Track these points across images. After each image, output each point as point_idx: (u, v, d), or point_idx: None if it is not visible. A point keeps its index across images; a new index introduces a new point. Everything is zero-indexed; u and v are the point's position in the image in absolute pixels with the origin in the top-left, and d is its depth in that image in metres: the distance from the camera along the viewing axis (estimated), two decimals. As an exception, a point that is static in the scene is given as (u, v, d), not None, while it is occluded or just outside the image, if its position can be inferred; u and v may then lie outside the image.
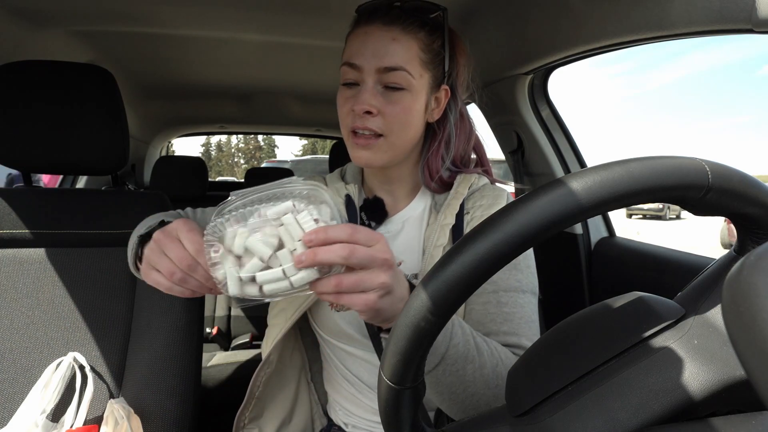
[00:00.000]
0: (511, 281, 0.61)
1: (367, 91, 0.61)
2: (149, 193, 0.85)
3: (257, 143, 49.53)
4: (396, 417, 0.35)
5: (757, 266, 0.22)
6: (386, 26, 0.61)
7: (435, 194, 0.70)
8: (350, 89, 0.63)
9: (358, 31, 0.62)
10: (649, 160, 0.29)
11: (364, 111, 0.60)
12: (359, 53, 0.61)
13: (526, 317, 0.60)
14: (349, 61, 0.62)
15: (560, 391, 0.32)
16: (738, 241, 0.34)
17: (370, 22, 0.61)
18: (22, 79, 0.76)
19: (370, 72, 0.61)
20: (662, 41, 0.74)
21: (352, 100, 0.62)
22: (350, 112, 0.62)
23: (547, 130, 1.24)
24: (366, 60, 0.60)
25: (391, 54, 0.60)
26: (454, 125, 0.69)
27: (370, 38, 0.61)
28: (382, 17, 0.61)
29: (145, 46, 1.27)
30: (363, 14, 0.63)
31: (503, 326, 0.59)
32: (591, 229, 1.21)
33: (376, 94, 0.61)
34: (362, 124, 0.61)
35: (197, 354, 0.80)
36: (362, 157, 0.63)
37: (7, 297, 0.73)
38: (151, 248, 0.49)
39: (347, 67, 0.62)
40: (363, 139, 0.62)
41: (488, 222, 0.29)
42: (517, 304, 0.60)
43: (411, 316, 0.31)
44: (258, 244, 0.40)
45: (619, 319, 0.34)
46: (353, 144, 0.63)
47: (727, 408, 0.29)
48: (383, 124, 0.61)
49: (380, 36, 0.61)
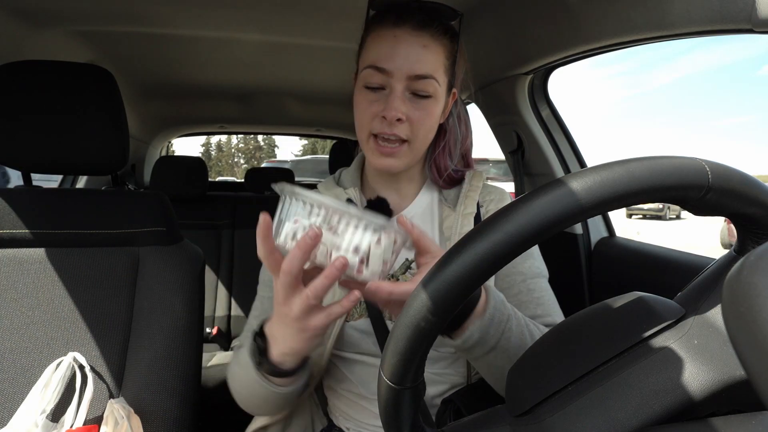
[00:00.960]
0: (533, 269, 0.67)
1: (398, 97, 0.60)
2: (149, 193, 0.85)
3: (257, 143, 49.53)
4: (396, 417, 0.35)
5: (757, 266, 0.22)
6: (417, 31, 0.60)
7: (443, 189, 0.72)
8: (374, 93, 0.62)
9: (386, 33, 0.61)
10: (649, 160, 0.29)
11: (397, 118, 0.60)
12: (389, 58, 0.60)
13: (552, 298, 0.67)
14: (378, 65, 0.60)
15: (560, 391, 0.32)
16: (738, 241, 0.34)
17: (399, 25, 0.60)
18: (22, 79, 0.76)
19: (400, 78, 0.60)
20: (662, 41, 0.74)
21: (377, 105, 0.61)
22: (375, 117, 0.62)
23: (547, 130, 1.24)
24: (397, 66, 0.59)
25: (423, 62, 0.60)
26: (457, 123, 0.71)
27: (402, 43, 0.60)
28: (411, 21, 0.60)
29: (145, 46, 1.27)
30: (388, 15, 0.61)
31: (537, 310, 0.64)
32: (591, 229, 1.21)
33: (405, 100, 0.61)
34: (391, 130, 0.61)
35: (197, 354, 0.80)
36: (386, 164, 0.64)
37: (7, 297, 0.73)
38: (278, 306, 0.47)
39: (374, 70, 0.61)
40: (388, 148, 0.63)
41: (488, 222, 0.29)
42: (542, 288, 0.67)
43: (411, 316, 0.31)
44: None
45: (619, 319, 0.34)
46: (376, 151, 0.64)
47: (727, 408, 0.29)
48: (410, 131, 0.62)
49: (412, 42, 0.60)
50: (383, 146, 0.62)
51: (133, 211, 0.82)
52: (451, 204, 0.70)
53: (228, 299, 1.74)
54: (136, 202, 0.83)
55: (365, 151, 0.66)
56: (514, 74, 1.15)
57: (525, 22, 0.97)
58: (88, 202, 0.81)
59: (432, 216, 0.71)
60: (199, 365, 0.80)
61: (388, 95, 0.61)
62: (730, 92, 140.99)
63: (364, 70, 0.62)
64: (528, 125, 1.23)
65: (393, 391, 0.33)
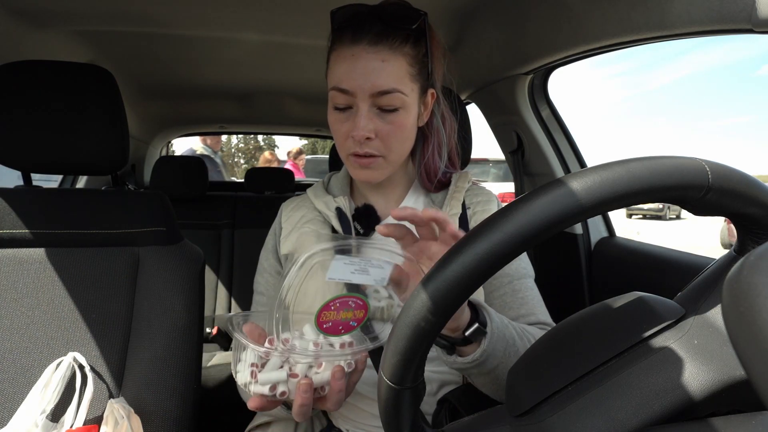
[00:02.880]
0: (520, 270, 0.68)
1: (363, 116, 0.60)
2: (149, 193, 0.85)
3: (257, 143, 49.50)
4: (396, 417, 0.35)
5: (757, 266, 0.22)
6: (373, 47, 0.58)
7: (430, 193, 0.73)
8: (343, 113, 0.62)
9: (344, 53, 0.60)
10: (649, 160, 0.29)
11: (365, 138, 0.60)
12: (349, 78, 0.59)
13: (536, 297, 0.68)
14: (339, 86, 0.60)
15: (560, 391, 0.32)
16: (738, 241, 0.34)
17: (357, 42, 0.59)
18: (22, 79, 0.75)
19: (363, 97, 0.59)
20: (662, 41, 0.74)
21: (347, 125, 0.62)
22: (348, 138, 0.62)
23: (547, 130, 1.24)
24: (358, 85, 0.59)
25: (383, 77, 0.59)
26: (441, 123, 0.71)
27: (359, 61, 0.59)
28: (367, 36, 0.58)
29: (145, 46, 1.27)
30: (344, 32, 0.60)
31: (521, 310, 0.66)
32: (591, 229, 1.21)
33: (372, 117, 0.61)
34: (362, 150, 0.62)
35: (197, 354, 0.80)
36: (366, 176, 0.65)
37: (7, 297, 0.73)
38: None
39: (337, 91, 0.61)
40: (365, 159, 0.63)
41: (488, 222, 0.29)
42: (527, 287, 0.68)
43: (411, 316, 0.31)
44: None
45: (619, 319, 0.34)
46: (354, 164, 0.64)
47: (727, 408, 0.29)
48: (382, 146, 0.62)
49: (369, 59, 0.58)
50: (360, 159, 0.63)
51: (133, 211, 0.82)
52: (438, 206, 0.70)
53: (228, 299, 1.74)
54: (136, 202, 0.82)
55: (347, 167, 0.67)
56: (514, 74, 1.15)
57: (525, 22, 0.97)
58: (88, 202, 0.81)
59: None
60: (199, 365, 0.80)
61: (355, 114, 0.61)
62: (730, 92, 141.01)
63: (330, 92, 0.62)
64: (528, 125, 1.23)
65: (393, 391, 0.33)
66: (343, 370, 0.50)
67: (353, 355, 0.51)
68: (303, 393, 0.49)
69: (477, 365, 0.50)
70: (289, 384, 0.50)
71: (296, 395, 0.49)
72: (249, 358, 0.50)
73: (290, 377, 0.49)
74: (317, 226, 0.72)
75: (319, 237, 0.71)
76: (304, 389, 0.49)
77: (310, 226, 0.72)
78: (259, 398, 0.50)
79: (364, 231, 0.70)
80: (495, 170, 6.51)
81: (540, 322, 0.66)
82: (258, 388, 0.49)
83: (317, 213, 0.74)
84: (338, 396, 0.51)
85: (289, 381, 0.50)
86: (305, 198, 0.77)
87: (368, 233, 0.70)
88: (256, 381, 0.49)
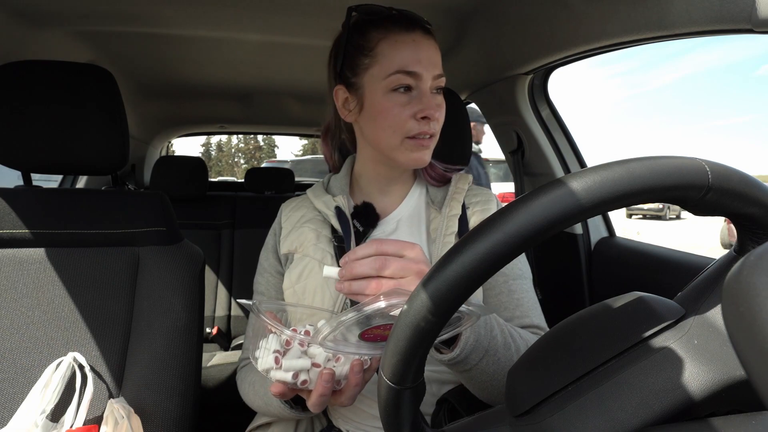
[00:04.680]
0: (515, 270, 0.68)
1: (432, 96, 0.64)
2: (149, 193, 0.85)
3: (257, 143, 49.52)
4: (396, 417, 0.35)
5: (757, 266, 0.22)
6: (426, 35, 0.65)
7: (431, 189, 0.74)
8: (405, 94, 0.64)
9: (403, 38, 0.63)
10: (649, 160, 0.29)
11: (435, 116, 0.64)
12: (416, 61, 0.63)
13: (532, 300, 0.68)
14: (407, 69, 0.63)
15: (560, 391, 0.32)
16: (738, 241, 0.34)
17: (412, 30, 0.64)
18: (22, 79, 0.75)
19: (428, 79, 0.64)
20: (662, 41, 0.74)
21: (410, 107, 0.64)
22: (409, 120, 0.64)
23: (547, 130, 1.24)
24: (424, 68, 0.63)
25: (438, 61, 0.65)
26: None
27: (422, 46, 0.64)
28: (419, 26, 0.65)
29: (145, 46, 1.27)
30: (396, 21, 0.64)
31: (516, 311, 0.66)
32: (591, 229, 1.21)
33: (434, 95, 0.65)
34: (429, 129, 0.64)
35: (197, 354, 0.80)
36: (421, 156, 0.66)
37: (7, 297, 0.73)
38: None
39: (403, 74, 0.63)
40: (427, 140, 0.65)
41: (488, 222, 0.29)
42: (523, 289, 0.68)
43: (411, 316, 0.31)
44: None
45: (619, 319, 0.34)
46: (413, 147, 0.65)
47: (727, 408, 0.29)
48: (437, 125, 0.66)
49: (428, 45, 0.64)
50: (422, 140, 0.65)
51: (133, 211, 0.82)
52: (437, 206, 0.71)
53: (228, 299, 1.74)
54: (136, 202, 0.82)
55: (396, 153, 0.66)
56: (514, 74, 1.15)
57: (525, 22, 0.97)
58: (88, 202, 0.81)
59: (419, 218, 0.73)
60: (199, 365, 0.80)
61: (420, 96, 0.64)
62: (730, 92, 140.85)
63: (393, 76, 0.63)
64: (528, 125, 1.23)
65: (393, 391, 0.33)
66: (362, 364, 0.51)
67: (370, 352, 0.51)
68: (325, 383, 0.50)
69: (453, 363, 0.51)
70: (311, 373, 0.50)
71: (317, 384, 0.50)
72: (272, 345, 0.50)
73: (313, 366, 0.50)
74: (317, 225, 0.73)
75: (318, 236, 0.71)
76: (326, 378, 0.50)
77: (309, 225, 0.73)
78: (282, 385, 0.51)
79: (363, 229, 0.70)
80: (495, 170, 6.51)
81: (534, 326, 0.66)
82: (281, 375, 0.49)
83: (317, 213, 0.74)
84: (354, 390, 0.52)
85: (311, 370, 0.50)
86: (305, 198, 0.78)
87: (367, 231, 0.70)
88: (279, 367, 0.49)
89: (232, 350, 1.65)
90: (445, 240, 0.67)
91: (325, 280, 0.67)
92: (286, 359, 0.50)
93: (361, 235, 0.70)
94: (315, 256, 0.69)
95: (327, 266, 0.52)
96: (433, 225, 0.70)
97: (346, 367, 0.51)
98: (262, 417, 0.75)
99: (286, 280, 0.71)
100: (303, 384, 0.50)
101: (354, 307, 0.50)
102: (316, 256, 0.69)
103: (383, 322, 0.52)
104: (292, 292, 0.69)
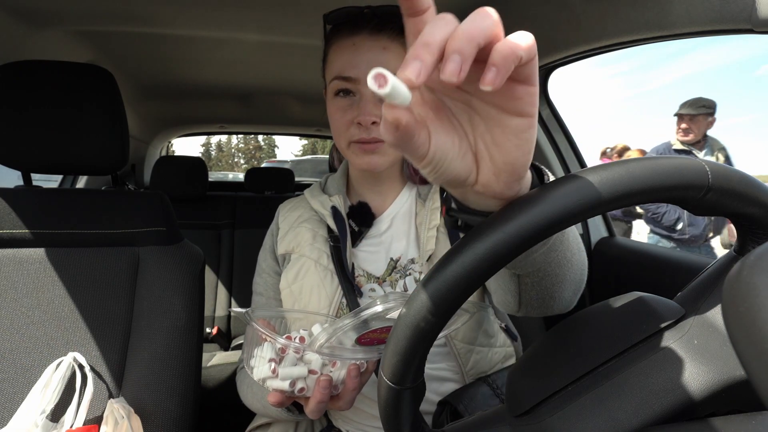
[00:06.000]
0: None
1: (369, 101, 0.61)
2: (149, 193, 0.85)
3: (257, 143, 49.50)
4: (396, 417, 0.35)
5: (757, 266, 0.22)
6: (374, 35, 0.61)
7: (419, 186, 0.73)
8: (345, 99, 0.63)
9: (344, 43, 0.62)
10: (649, 160, 0.29)
11: (372, 122, 0.61)
12: (352, 65, 0.61)
13: None
14: (343, 74, 0.61)
15: (560, 391, 0.32)
16: (738, 241, 0.34)
17: (356, 33, 0.61)
18: (22, 79, 0.75)
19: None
20: (662, 41, 0.74)
21: (350, 112, 0.62)
22: (351, 125, 0.62)
23: (547, 130, 1.24)
24: (361, 71, 0.60)
25: (384, 63, 0.60)
26: None
27: (361, 49, 0.61)
28: (367, 27, 0.61)
29: (145, 46, 1.27)
30: (342, 27, 0.63)
31: None
32: (591, 229, 1.21)
33: (376, 102, 0.62)
34: (368, 135, 0.62)
35: (197, 354, 0.80)
36: (371, 162, 0.64)
37: (7, 297, 0.73)
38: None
39: (340, 80, 0.62)
40: (370, 145, 0.63)
41: (488, 222, 0.29)
42: None
43: (411, 316, 0.31)
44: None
45: (619, 319, 0.34)
46: (358, 151, 0.64)
47: (727, 408, 0.29)
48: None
49: (370, 46, 0.61)
50: (366, 145, 0.63)
51: (133, 211, 0.82)
52: (423, 199, 0.71)
53: (228, 299, 1.74)
54: (136, 202, 0.82)
55: (348, 157, 0.67)
56: (514, 74, 1.15)
57: (525, 22, 0.97)
58: (88, 202, 0.81)
59: (411, 214, 0.73)
60: (199, 365, 0.80)
61: (359, 101, 0.62)
62: (730, 92, 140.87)
63: (332, 82, 0.63)
64: (528, 125, 1.23)
65: (393, 391, 0.33)
66: (358, 369, 0.51)
67: (366, 356, 0.51)
68: (323, 389, 0.49)
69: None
70: (308, 380, 0.50)
71: (315, 391, 0.50)
72: (267, 353, 0.50)
73: (310, 373, 0.50)
74: (313, 225, 0.73)
75: (315, 236, 0.71)
76: (323, 385, 0.49)
77: (306, 225, 0.73)
78: (279, 394, 0.50)
79: (358, 228, 0.70)
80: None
81: None
82: (278, 384, 0.49)
83: (313, 213, 0.74)
84: (352, 395, 0.52)
85: (308, 377, 0.50)
86: (302, 199, 0.78)
87: (362, 230, 0.70)
88: (276, 376, 0.49)
89: (232, 350, 1.65)
90: (428, 234, 0.66)
91: (321, 281, 0.67)
92: (282, 367, 0.49)
93: (356, 234, 0.70)
94: (311, 256, 0.70)
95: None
96: (418, 219, 0.70)
97: (343, 371, 0.51)
98: (262, 417, 0.75)
99: (283, 280, 0.71)
100: (300, 392, 0.50)
101: (351, 313, 0.50)
102: (312, 256, 0.70)
103: (380, 326, 0.51)
104: (288, 293, 0.69)
